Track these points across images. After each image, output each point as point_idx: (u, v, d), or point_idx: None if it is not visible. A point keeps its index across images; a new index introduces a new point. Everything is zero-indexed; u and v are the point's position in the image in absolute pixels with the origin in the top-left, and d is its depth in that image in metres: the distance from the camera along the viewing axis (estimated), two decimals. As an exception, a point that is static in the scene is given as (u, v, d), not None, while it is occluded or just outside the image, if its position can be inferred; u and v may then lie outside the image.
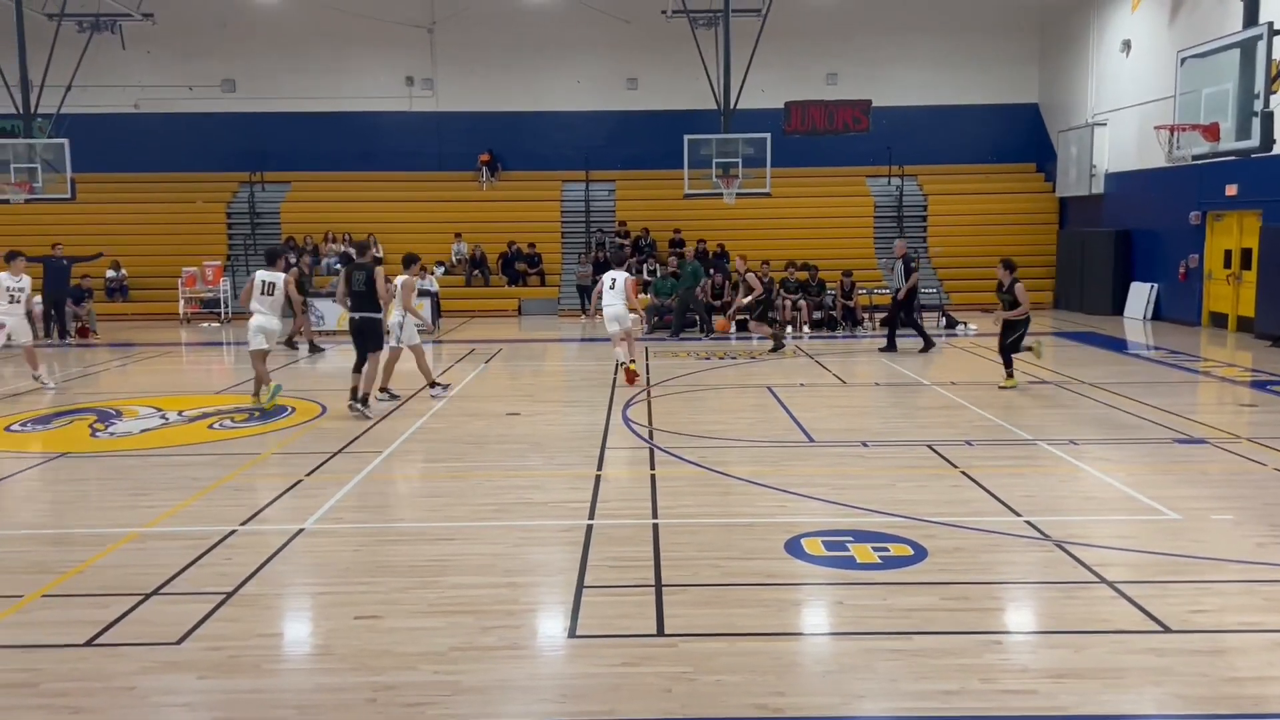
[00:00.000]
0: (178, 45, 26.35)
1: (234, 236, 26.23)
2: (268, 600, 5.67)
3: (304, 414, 11.37)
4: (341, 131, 27.17)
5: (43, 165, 21.06)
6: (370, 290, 11.19)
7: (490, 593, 5.70)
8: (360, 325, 11.27)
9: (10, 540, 6.79)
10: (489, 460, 9.05)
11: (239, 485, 8.20)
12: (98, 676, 4.66)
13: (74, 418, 11.25)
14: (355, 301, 11.29)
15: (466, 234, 25.46)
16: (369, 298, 11.21)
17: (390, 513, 7.34)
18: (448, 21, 26.76)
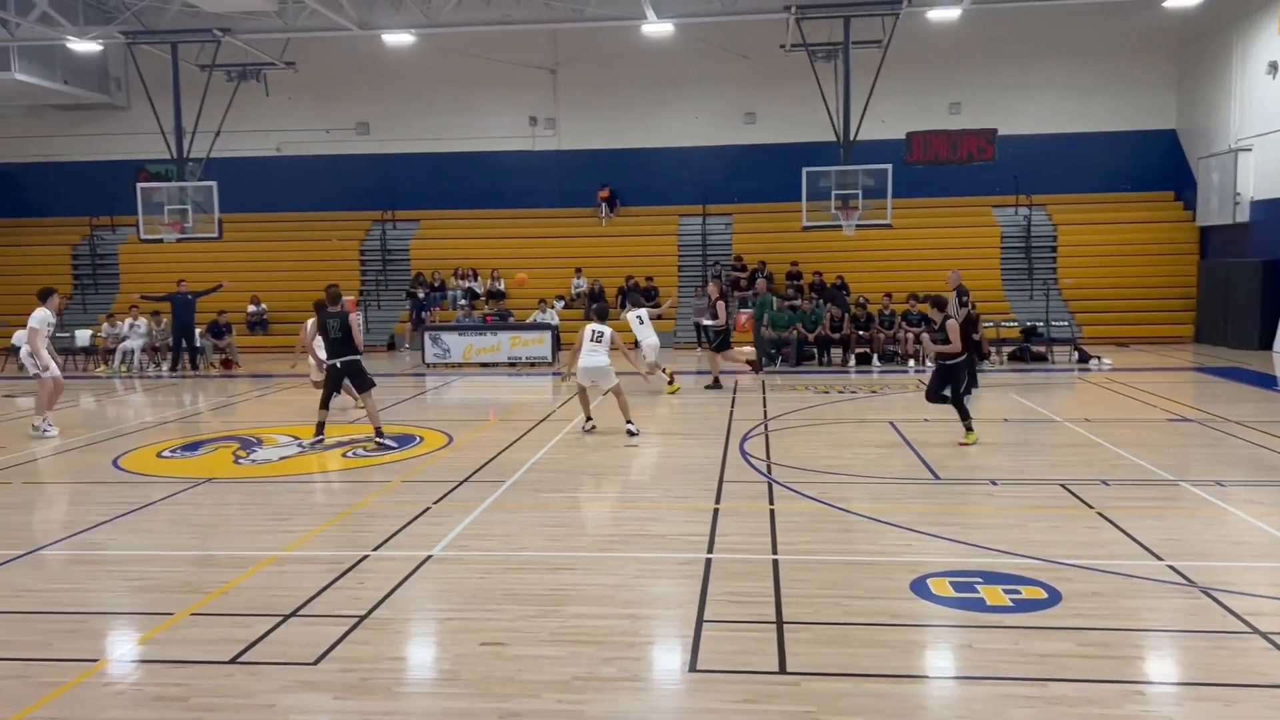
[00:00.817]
0: (316, 91, 27.74)
1: (366, 273, 27.32)
2: (398, 624, 5.85)
3: (431, 444, 11.70)
4: (468, 171, 28.07)
5: (193, 206, 22.40)
6: (346, 335, 11.71)
7: (611, 624, 5.74)
8: (347, 369, 11.78)
9: (162, 560, 7.19)
10: (608, 491, 9.14)
11: (371, 512, 8.49)
12: (241, 693, 4.88)
13: (219, 445, 11.86)
14: (335, 348, 11.70)
15: (586, 269, 25.89)
16: (347, 342, 11.72)
17: (514, 541, 7.48)
18: (570, 63, 27.43)
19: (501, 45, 26.02)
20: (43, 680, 5.06)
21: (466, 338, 20.92)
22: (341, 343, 11.71)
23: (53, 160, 28.90)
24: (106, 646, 5.69)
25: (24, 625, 5.86)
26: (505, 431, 12.49)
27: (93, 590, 6.59)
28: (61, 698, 4.86)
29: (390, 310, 26.31)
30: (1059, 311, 23.08)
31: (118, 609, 6.30)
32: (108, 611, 6.25)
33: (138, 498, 9.13)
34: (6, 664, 5.27)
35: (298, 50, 24.96)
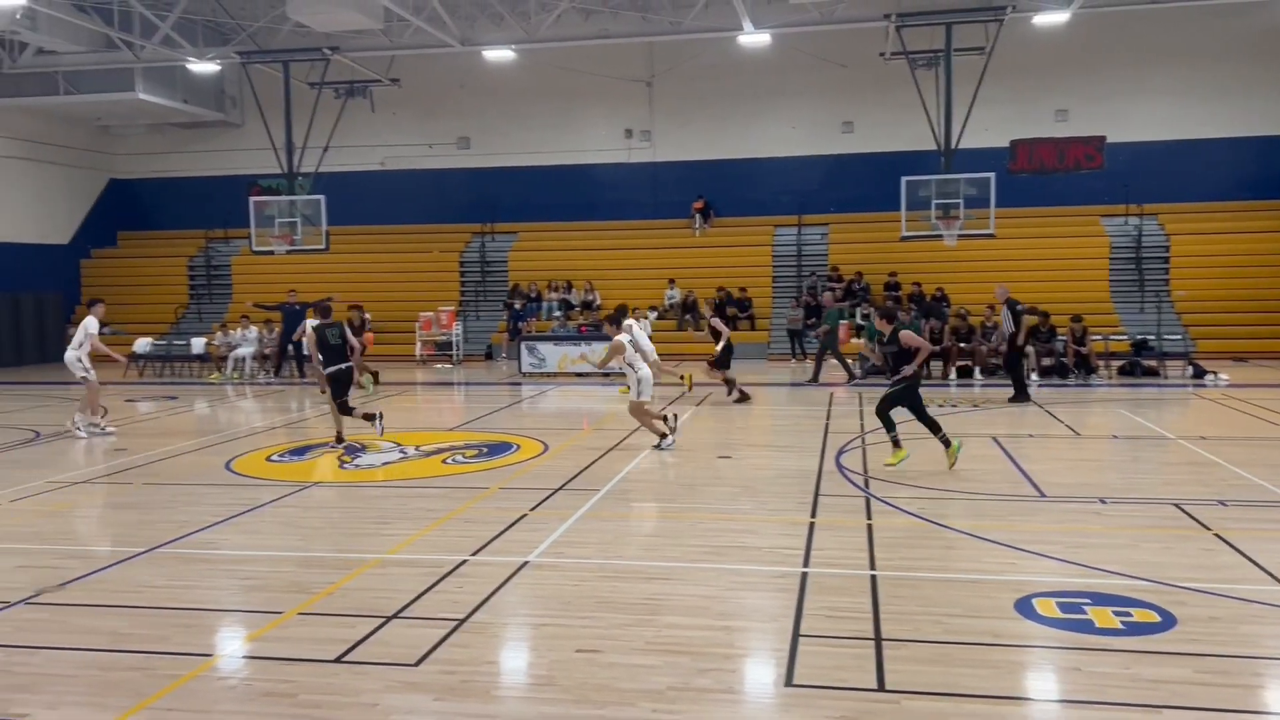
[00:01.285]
0: (419, 107, 28.47)
1: (466, 284, 27.89)
2: (495, 629, 5.94)
3: (527, 451, 11.86)
4: (564, 183, 28.42)
5: (302, 219, 23.19)
6: (343, 344, 12.57)
7: (705, 635, 5.73)
8: (341, 375, 12.50)
9: (271, 560, 7.45)
10: (701, 502, 9.12)
11: (469, 517, 8.65)
12: (346, 692, 5.01)
13: (325, 450, 12.23)
14: (333, 355, 12.38)
15: (679, 279, 25.93)
16: (343, 351, 12.55)
17: (608, 550, 7.52)
18: (666, 75, 27.56)
19: (598, 59, 26.30)
20: (161, 673, 5.29)
21: (561, 348, 21.17)
22: (340, 351, 12.49)
23: (172, 176, 30.29)
24: (219, 642, 5.92)
25: (144, 619, 6.14)
26: (599, 440, 12.59)
27: (207, 588, 6.87)
28: (178, 690, 5.06)
29: (488, 320, 26.79)
30: (1172, 324, 22.19)
31: (230, 606, 6.55)
32: (220, 609, 6.50)
33: (248, 499, 9.48)
34: (129, 656, 5.52)
35: (402, 67, 25.68)
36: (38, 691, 5.08)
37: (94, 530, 8.60)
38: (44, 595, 6.59)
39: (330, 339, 12.44)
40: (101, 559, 7.47)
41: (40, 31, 22.32)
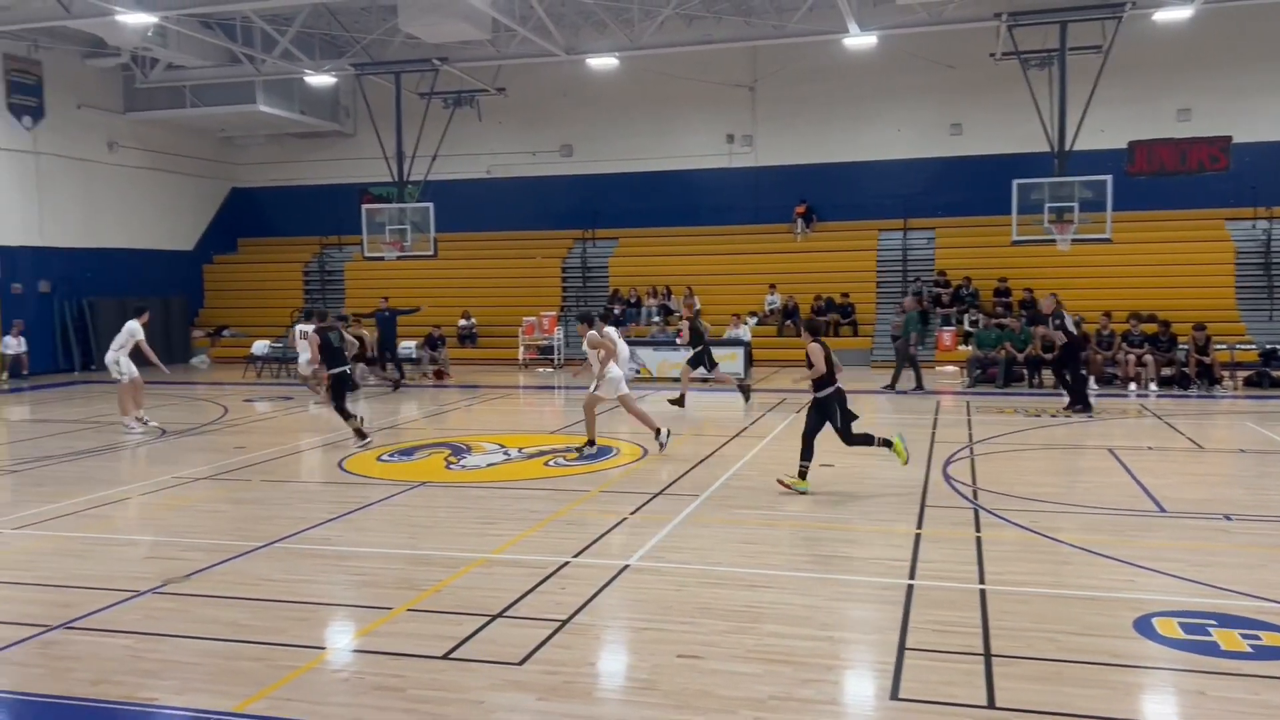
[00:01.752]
0: (524, 115, 28.94)
1: (567, 289, 28.22)
2: (597, 631, 5.99)
3: (628, 456, 11.93)
4: (665, 189, 28.50)
5: (411, 226, 23.80)
6: (343, 347, 13.31)
7: (808, 645, 5.67)
8: (342, 377, 13.09)
9: (381, 557, 7.66)
10: (803, 511, 9.02)
11: (571, 520, 8.75)
12: (453, 688, 5.13)
13: (432, 451, 12.53)
14: (334, 358, 13.01)
15: (780, 285, 25.73)
16: (342, 354, 13.24)
17: (708, 556, 7.51)
18: (769, 79, 27.41)
19: (700, 64, 26.31)
20: (279, 663, 5.49)
21: (660, 353, 21.21)
22: (340, 354, 13.13)
23: (289, 184, 31.47)
24: (332, 636, 6.12)
25: (263, 611, 6.39)
26: (698, 446, 12.58)
27: (321, 582, 7.11)
28: (295, 681, 5.25)
29: (589, 325, 27.01)
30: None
31: (342, 601, 6.76)
32: (333, 603, 6.72)
33: (359, 498, 9.78)
34: (249, 646, 5.75)
35: (508, 77, 26.16)
36: (165, 677, 5.33)
37: (216, 524, 8.99)
38: (171, 585, 6.92)
39: (333, 341, 13.10)
40: (224, 552, 7.81)
41: (170, 48, 23.49)
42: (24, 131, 24.27)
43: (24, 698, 5.11)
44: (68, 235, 25.39)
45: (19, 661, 5.57)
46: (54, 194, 25.10)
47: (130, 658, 5.61)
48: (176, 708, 4.94)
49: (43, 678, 5.34)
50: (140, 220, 27.89)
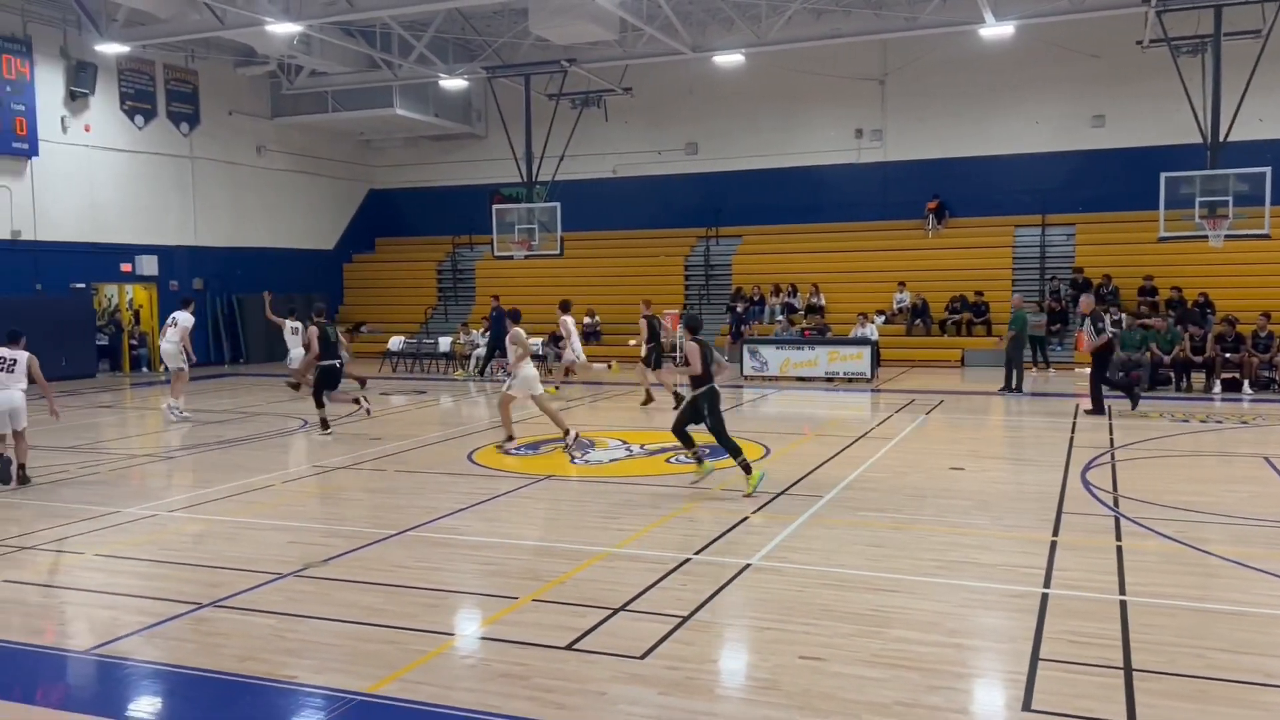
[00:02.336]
0: (649, 114, 29.11)
1: (690, 287, 28.25)
2: (719, 628, 5.99)
3: (749, 454, 11.84)
4: (791, 186, 28.21)
5: (539, 226, 24.27)
6: (338, 342, 14.15)
7: (936, 651, 5.52)
8: (330, 370, 13.89)
9: (508, 548, 7.85)
10: (931, 515, 8.80)
11: (692, 517, 8.76)
12: (576, 679, 5.21)
13: (557, 445, 12.75)
14: (328, 350, 13.79)
15: (910, 283, 25.14)
16: (336, 348, 14.01)
17: (832, 557, 7.40)
18: (899, 72, 26.81)
19: (828, 59, 25.94)
20: (410, 648, 5.69)
21: (784, 351, 21.02)
22: (334, 348, 13.99)
23: (423, 186, 32.51)
24: (460, 623, 6.30)
25: (396, 597, 6.62)
26: (822, 446, 12.42)
27: (450, 571, 7.32)
28: (424, 665, 5.43)
29: (711, 324, 26.99)
30: None
31: (470, 589, 6.95)
32: (462, 591, 6.92)
33: (487, 489, 10.03)
34: (382, 630, 5.98)
35: (634, 76, 26.36)
36: (305, 656, 5.59)
37: (353, 512, 9.37)
38: (310, 569, 7.25)
39: (330, 336, 13.91)
40: (360, 539, 8.13)
41: (313, 55, 24.61)
42: (181, 137, 25.80)
43: (178, 670, 5.44)
44: (219, 235, 26.88)
45: (174, 636, 5.94)
46: (207, 196, 26.60)
47: (273, 636, 5.90)
48: (315, 686, 5.17)
49: (195, 652, 5.67)
50: (285, 221, 29.29)
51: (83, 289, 23.18)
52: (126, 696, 5.24)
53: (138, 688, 5.33)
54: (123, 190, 24.29)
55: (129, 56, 23.58)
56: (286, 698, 5.08)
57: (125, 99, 24.23)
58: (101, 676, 5.48)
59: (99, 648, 5.77)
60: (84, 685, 5.48)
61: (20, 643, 5.89)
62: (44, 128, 22.13)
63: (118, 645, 5.79)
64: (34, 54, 21.86)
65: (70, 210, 22.91)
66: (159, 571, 7.38)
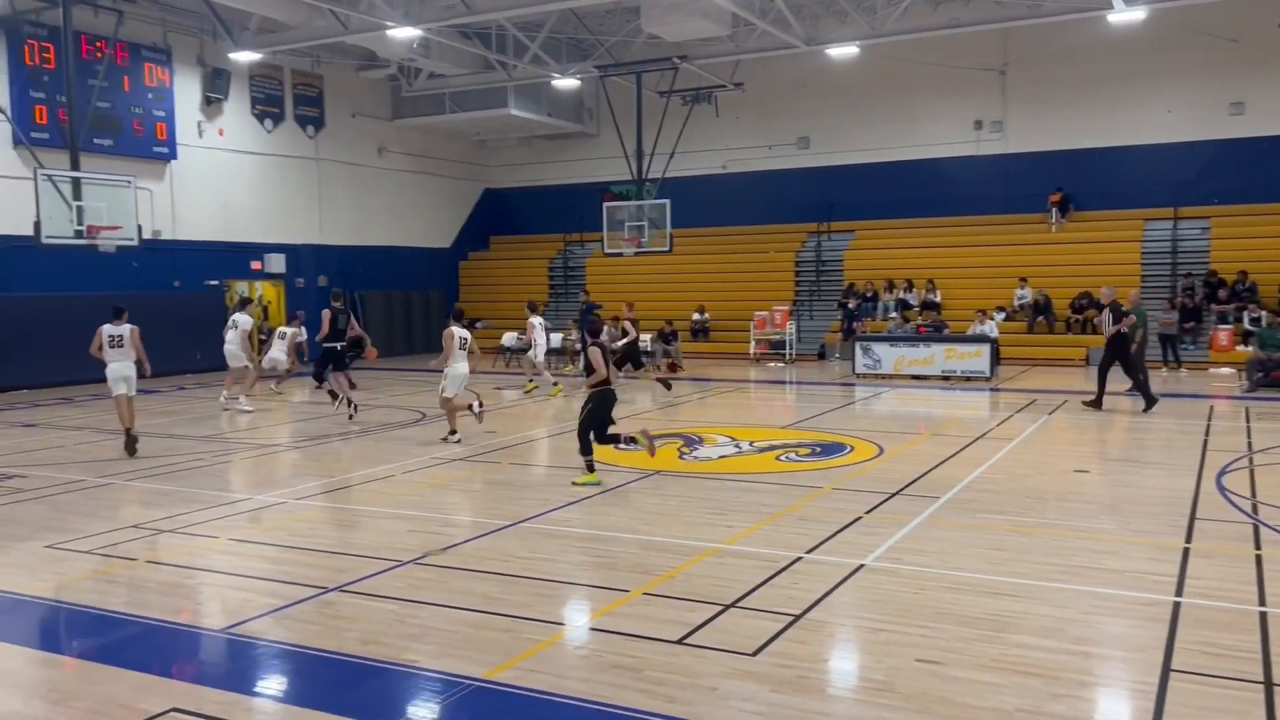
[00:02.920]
0: (760, 109, 28.90)
1: (800, 283, 27.96)
2: (832, 628, 5.91)
3: (862, 454, 11.68)
4: (906, 179, 27.62)
5: (648, 223, 24.38)
6: (345, 330, 15.55)
7: (1059, 658, 5.34)
8: (333, 352, 15.41)
9: (619, 542, 7.91)
10: (1054, 518, 8.50)
11: (803, 515, 8.67)
12: (687, 673, 5.22)
13: (666, 441, 12.78)
14: (336, 334, 15.30)
15: (1032, 279, 24.32)
16: (343, 334, 15.44)
17: (950, 560, 7.22)
18: (1021, 61, 25.94)
19: (946, 49, 25.27)
20: (525, 636, 5.79)
21: (898, 349, 20.61)
22: (342, 333, 15.36)
23: (536, 185, 33.03)
24: (573, 614, 6.39)
25: (511, 586, 6.76)
26: (938, 446, 12.13)
27: (563, 562, 7.43)
28: (538, 655, 5.52)
29: (822, 320, 26.68)
30: None
31: (582, 581, 7.03)
32: (574, 582, 7.01)
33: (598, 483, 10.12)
34: (498, 619, 6.10)
35: (745, 71, 26.21)
36: (424, 641, 5.75)
37: (470, 502, 9.59)
38: (430, 557, 7.45)
39: (339, 323, 15.33)
40: (476, 528, 8.32)
41: (432, 58, 25.25)
42: (307, 140, 26.83)
43: (305, 650, 5.67)
44: (342, 234, 27.85)
45: (302, 619, 6.19)
46: (331, 196, 27.59)
47: (395, 621, 6.09)
48: (435, 670, 5.31)
49: (320, 634, 5.89)
50: (404, 220, 30.16)
51: (216, 286, 24.33)
52: (257, 674, 5.49)
53: (267, 666, 5.57)
54: (253, 191, 25.41)
55: (259, 63, 24.64)
56: (407, 681, 5.24)
57: (256, 104, 25.33)
58: (233, 654, 5.76)
59: (232, 627, 6.06)
60: (217, 662, 5.76)
61: (159, 620, 6.23)
62: (182, 132, 23.32)
63: (249, 626, 6.06)
64: (173, 63, 23.05)
65: (204, 211, 24.08)
66: (287, 556, 7.70)
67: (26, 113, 20.10)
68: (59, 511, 9.32)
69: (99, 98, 20.05)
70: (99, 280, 20.86)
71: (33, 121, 20.19)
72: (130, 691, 5.07)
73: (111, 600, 6.60)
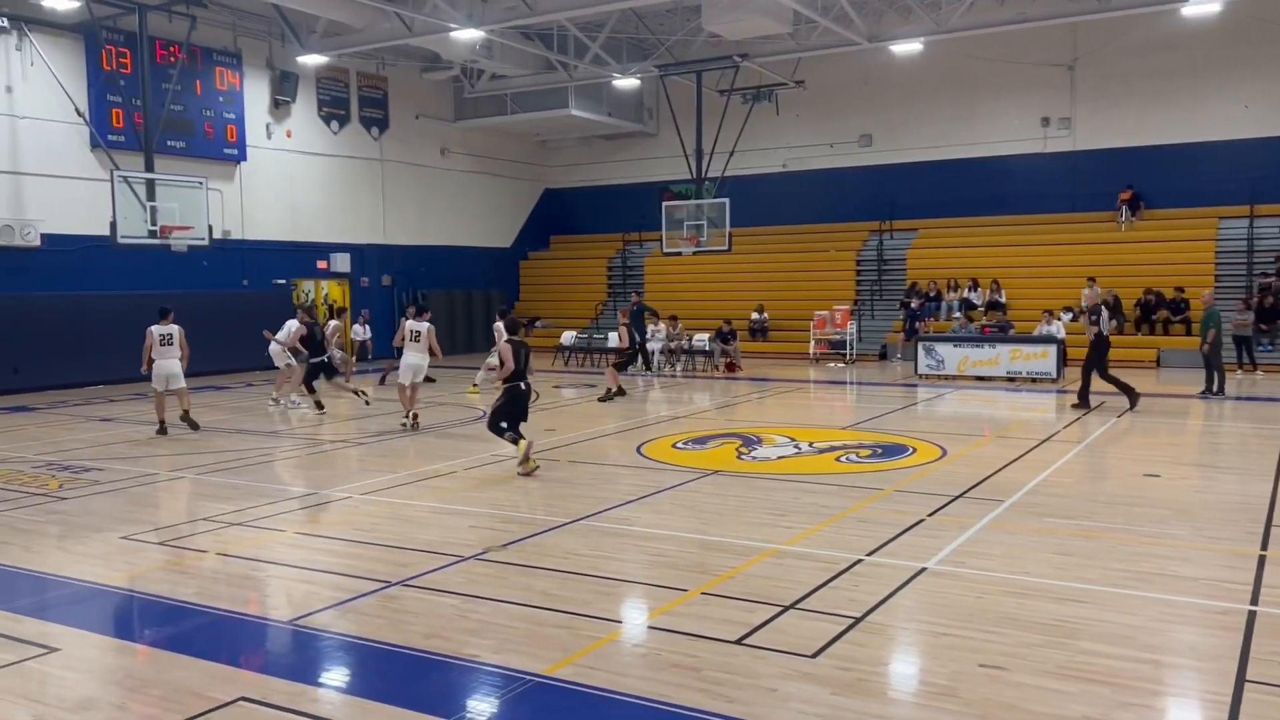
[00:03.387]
0: (822, 107, 28.66)
1: (861, 283, 27.68)
2: (893, 631, 5.85)
3: (924, 456, 11.53)
4: (969, 177, 27.19)
5: (707, 222, 24.34)
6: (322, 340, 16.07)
7: (1128, 666, 5.21)
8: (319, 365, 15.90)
9: (676, 540, 7.91)
10: (1123, 523, 8.30)
11: (864, 517, 8.58)
12: (746, 673, 5.20)
13: (724, 441, 12.76)
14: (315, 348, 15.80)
15: (1101, 278, 23.75)
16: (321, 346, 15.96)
17: (1014, 564, 7.09)
18: (1091, 56, 25.37)
19: (1013, 45, 24.82)
20: (583, 633, 5.82)
21: (962, 349, 20.29)
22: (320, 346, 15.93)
23: (595, 184, 33.16)
24: (632, 612, 6.40)
25: (569, 583, 6.80)
26: (1003, 449, 11.92)
27: (621, 560, 7.45)
28: (598, 651, 5.55)
29: (883, 320, 26.38)
30: None
31: (641, 579, 7.05)
32: (632, 580, 7.02)
33: (656, 482, 10.15)
34: (557, 615, 6.15)
35: (806, 69, 26.02)
36: (485, 636, 5.81)
37: (529, 500, 9.67)
38: (490, 553, 7.53)
39: (315, 335, 15.81)
40: (536, 525, 8.39)
41: (494, 59, 25.51)
42: (372, 141, 27.27)
43: (369, 643, 5.77)
44: (405, 234, 28.26)
45: (366, 612, 6.29)
46: (395, 197, 28.01)
47: (456, 616, 6.16)
48: (495, 665, 5.37)
49: (384, 627, 5.99)
50: (465, 220, 30.50)
51: (283, 285, 24.85)
52: (322, 666, 5.60)
53: (332, 658, 5.68)
54: (319, 192, 25.90)
55: (326, 66, 25.11)
56: (468, 675, 5.30)
57: (322, 106, 25.82)
58: (299, 646, 5.88)
59: (298, 619, 6.18)
60: (284, 653, 5.88)
61: (229, 610, 6.38)
62: (251, 134, 23.86)
63: (314, 618, 6.18)
64: (243, 66, 23.59)
65: (272, 211, 24.60)
66: (352, 550, 7.84)
67: (104, 116, 20.75)
68: (133, 504, 9.60)
69: (172, 101, 20.62)
70: (171, 279, 21.46)
71: (110, 125, 20.84)
72: (201, 680, 5.21)
73: (183, 591, 6.78)
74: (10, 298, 19.37)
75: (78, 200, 20.28)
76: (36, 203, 19.98)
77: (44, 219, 20.00)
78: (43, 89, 19.96)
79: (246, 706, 4.91)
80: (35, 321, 19.51)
